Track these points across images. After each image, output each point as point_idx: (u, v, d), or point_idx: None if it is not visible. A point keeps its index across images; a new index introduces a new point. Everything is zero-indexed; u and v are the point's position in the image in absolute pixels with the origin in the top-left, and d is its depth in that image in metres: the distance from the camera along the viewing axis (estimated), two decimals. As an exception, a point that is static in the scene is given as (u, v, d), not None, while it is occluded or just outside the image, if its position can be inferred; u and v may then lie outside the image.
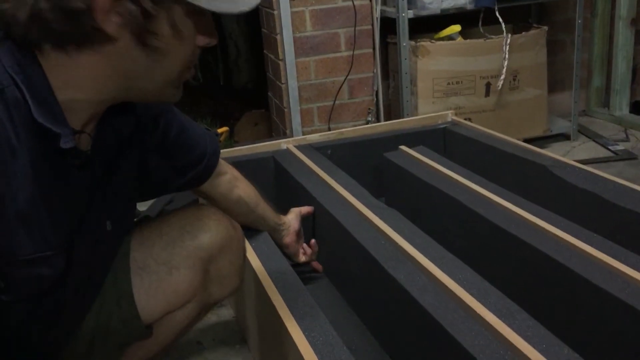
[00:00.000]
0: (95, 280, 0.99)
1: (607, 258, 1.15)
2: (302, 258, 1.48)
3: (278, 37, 2.40)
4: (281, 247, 1.41)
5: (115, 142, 0.90)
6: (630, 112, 2.91)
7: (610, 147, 2.55)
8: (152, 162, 1.04)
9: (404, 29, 2.32)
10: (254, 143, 2.00)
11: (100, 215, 0.92)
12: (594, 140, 2.66)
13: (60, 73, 0.75)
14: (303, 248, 1.49)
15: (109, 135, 0.89)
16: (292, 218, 1.45)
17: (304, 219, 1.51)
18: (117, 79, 0.78)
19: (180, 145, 1.10)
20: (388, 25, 2.45)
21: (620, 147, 2.55)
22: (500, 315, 1.01)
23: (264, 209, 1.34)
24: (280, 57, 2.44)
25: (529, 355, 0.90)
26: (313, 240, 1.52)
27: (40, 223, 0.77)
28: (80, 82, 0.77)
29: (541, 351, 0.91)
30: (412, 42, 2.35)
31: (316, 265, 1.53)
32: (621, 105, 2.90)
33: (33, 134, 0.74)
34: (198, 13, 0.77)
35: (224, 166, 1.23)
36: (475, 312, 1.02)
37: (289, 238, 1.43)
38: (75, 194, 0.83)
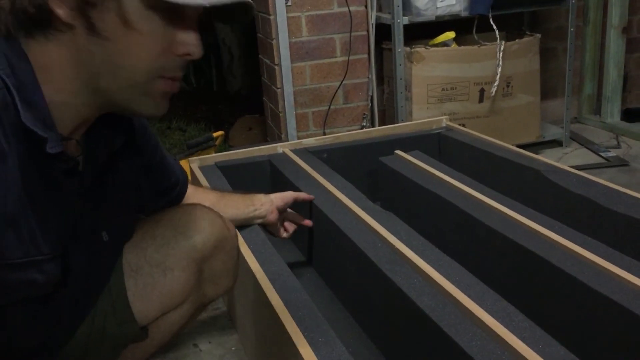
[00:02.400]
0: (94, 290, 0.99)
1: (601, 261, 1.16)
2: (284, 235, 1.48)
3: (274, 42, 2.42)
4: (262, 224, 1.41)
5: (107, 154, 0.91)
6: (622, 119, 2.95)
7: (602, 154, 2.57)
8: (141, 181, 1.06)
9: (399, 35, 2.34)
10: (250, 147, 2.00)
11: (94, 225, 0.92)
12: (585, 147, 2.69)
13: (42, 70, 0.76)
14: (284, 227, 1.48)
15: (100, 146, 0.89)
16: (273, 197, 1.43)
17: (300, 205, 1.51)
18: (82, 75, 0.77)
19: (162, 170, 1.13)
20: (383, 32, 2.47)
21: (612, 153, 2.57)
22: (497, 317, 1.02)
23: (226, 206, 1.30)
24: (276, 62, 2.45)
25: (526, 356, 0.91)
26: (308, 221, 1.54)
27: (29, 227, 0.76)
28: (58, 81, 0.77)
29: (538, 352, 0.92)
30: (407, 48, 2.37)
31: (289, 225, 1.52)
32: (612, 113, 2.93)
33: (21, 137, 0.74)
34: (166, 10, 0.75)
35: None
36: (472, 313, 1.03)
37: (269, 218, 1.41)
38: (65, 201, 0.83)
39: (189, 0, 0.74)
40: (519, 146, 1.97)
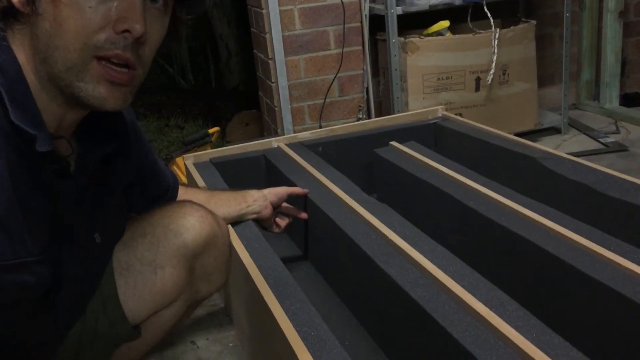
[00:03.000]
0: (87, 292, 0.99)
1: (597, 247, 1.15)
2: (276, 230, 1.47)
3: (267, 36, 2.40)
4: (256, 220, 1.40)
5: (100, 156, 0.90)
6: (620, 104, 2.93)
7: (601, 140, 2.56)
8: (133, 185, 1.05)
9: (392, 25, 2.32)
10: (245, 142, 1.99)
11: (88, 227, 0.92)
12: (584, 133, 2.67)
13: (20, 61, 0.76)
14: (276, 222, 1.47)
15: (94, 149, 0.89)
16: (267, 193, 1.41)
17: (295, 199, 1.50)
18: (37, 65, 0.77)
19: (153, 174, 1.14)
20: (377, 22, 2.46)
21: (611, 139, 2.56)
22: (491, 306, 1.01)
23: (216, 205, 1.28)
24: (270, 56, 2.44)
25: (520, 345, 0.91)
26: (304, 213, 1.53)
27: (18, 228, 0.76)
28: (27, 71, 0.77)
29: (532, 340, 0.92)
30: (401, 39, 2.35)
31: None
32: (611, 98, 2.91)
33: (10, 137, 0.73)
34: None
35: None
36: (466, 303, 1.02)
37: (262, 213, 1.40)
38: (56, 203, 0.83)
39: None
40: (517, 134, 1.96)
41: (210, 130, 2.36)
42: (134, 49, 0.77)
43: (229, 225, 1.29)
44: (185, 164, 1.84)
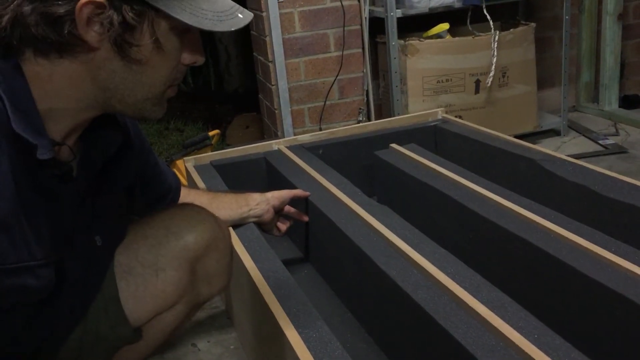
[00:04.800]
0: (88, 295, 0.99)
1: (597, 249, 1.15)
2: (277, 233, 1.48)
3: (267, 38, 2.41)
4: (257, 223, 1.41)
5: (101, 159, 0.91)
6: (620, 106, 2.93)
7: (600, 142, 2.56)
8: (135, 187, 1.05)
9: (392, 28, 2.33)
10: (246, 145, 2.00)
11: (89, 230, 0.92)
12: (584, 135, 2.68)
13: (41, 81, 0.76)
14: (277, 226, 1.48)
15: (95, 152, 0.89)
16: (270, 197, 1.42)
17: (296, 201, 1.51)
18: (95, 89, 0.79)
19: (155, 175, 1.14)
20: (377, 25, 2.46)
21: (611, 141, 2.56)
22: (492, 308, 1.01)
23: (218, 208, 1.29)
24: (270, 59, 2.44)
25: (521, 346, 0.91)
26: (306, 217, 1.55)
27: (22, 233, 0.76)
28: (59, 90, 0.77)
29: (533, 341, 0.92)
30: (401, 41, 2.36)
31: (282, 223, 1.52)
32: (610, 100, 2.92)
33: (13, 143, 0.74)
34: (183, 29, 0.78)
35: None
36: (467, 305, 1.03)
37: (264, 217, 1.40)
38: (59, 207, 0.83)
39: (211, 26, 0.76)
40: (516, 136, 1.96)
41: (211, 133, 2.36)
42: None
43: (230, 228, 1.29)
44: (186, 166, 1.84)
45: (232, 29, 0.78)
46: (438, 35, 2.43)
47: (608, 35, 2.84)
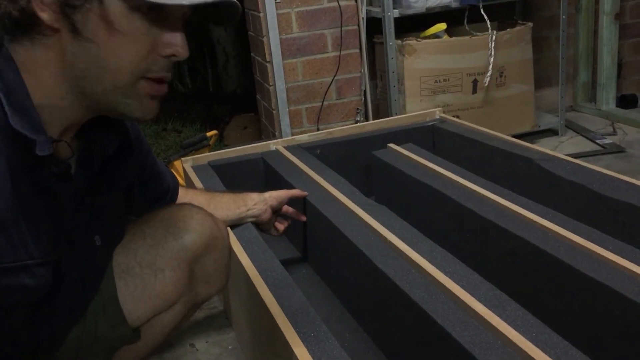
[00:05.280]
0: (87, 295, 0.99)
1: (595, 247, 1.16)
2: (274, 233, 1.48)
3: (264, 39, 2.41)
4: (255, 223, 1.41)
5: (100, 159, 0.91)
6: (617, 106, 2.94)
7: (598, 141, 2.56)
8: (134, 186, 1.05)
9: (390, 28, 2.33)
10: (243, 145, 2.00)
11: (88, 229, 0.92)
12: (581, 135, 2.68)
13: (28, 72, 0.76)
14: (275, 226, 1.47)
15: (95, 151, 0.89)
16: (268, 197, 1.42)
17: (294, 201, 1.51)
18: (68, 78, 0.78)
19: (154, 176, 1.14)
20: (374, 25, 2.46)
21: (608, 140, 2.57)
22: (490, 306, 1.01)
23: (215, 209, 1.28)
24: (268, 60, 2.44)
25: (519, 344, 0.91)
26: (303, 216, 1.55)
27: (19, 231, 0.76)
28: (43, 82, 0.77)
29: (531, 339, 0.92)
30: (399, 41, 2.36)
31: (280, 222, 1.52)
32: (608, 100, 2.93)
33: (10, 141, 0.73)
34: (150, 11, 0.76)
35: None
36: (465, 303, 1.03)
37: (262, 217, 1.40)
38: (57, 205, 0.83)
39: (169, 0, 0.74)
40: (514, 136, 1.96)
41: (208, 134, 2.36)
42: (172, 68, 0.83)
43: (228, 228, 1.29)
44: (184, 167, 1.84)
45: (195, 3, 0.76)
46: (435, 35, 2.44)
47: (605, 35, 2.85)
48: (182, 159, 1.90)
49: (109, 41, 0.75)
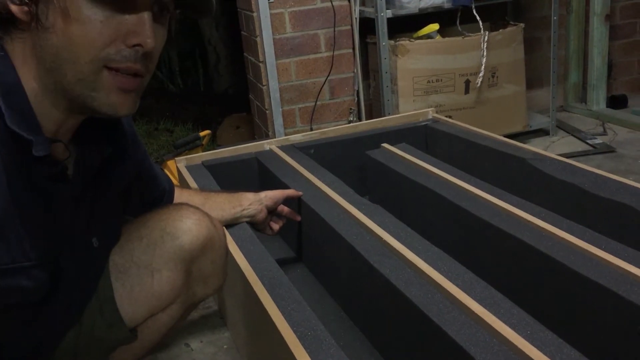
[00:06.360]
0: (84, 297, 0.99)
1: (588, 246, 1.17)
2: (269, 233, 1.48)
3: (258, 39, 2.41)
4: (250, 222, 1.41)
5: (98, 160, 0.91)
6: (607, 106, 2.96)
7: (588, 141, 2.59)
8: (130, 189, 1.05)
9: (383, 28, 2.34)
10: (237, 145, 2.00)
11: (85, 231, 0.92)
12: (572, 135, 2.70)
13: (18, 68, 0.76)
14: (270, 226, 1.48)
15: (91, 153, 0.89)
16: (263, 197, 1.42)
17: (289, 201, 1.51)
18: (41, 74, 0.77)
19: (149, 179, 1.14)
20: (367, 25, 2.47)
21: (599, 140, 2.59)
22: (485, 305, 1.02)
23: (210, 209, 1.28)
24: (261, 59, 2.44)
25: (514, 342, 0.92)
26: (298, 216, 1.55)
27: (16, 233, 0.76)
28: (26, 80, 0.77)
29: (526, 337, 0.93)
30: (392, 42, 2.37)
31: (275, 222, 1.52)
32: (598, 100, 2.95)
33: (7, 142, 0.73)
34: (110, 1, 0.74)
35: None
36: (460, 302, 1.04)
37: (257, 217, 1.40)
38: (54, 207, 0.83)
39: None
40: (506, 136, 1.97)
41: (202, 134, 2.36)
42: (143, 60, 0.79)
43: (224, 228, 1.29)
44: (178, 166, 1.84)
45: None
46: (428, 36, 2.45)
47: (596, 36, 2.88)
48: (176, 158, 1.90)
49: (66, 30, 0.74)
